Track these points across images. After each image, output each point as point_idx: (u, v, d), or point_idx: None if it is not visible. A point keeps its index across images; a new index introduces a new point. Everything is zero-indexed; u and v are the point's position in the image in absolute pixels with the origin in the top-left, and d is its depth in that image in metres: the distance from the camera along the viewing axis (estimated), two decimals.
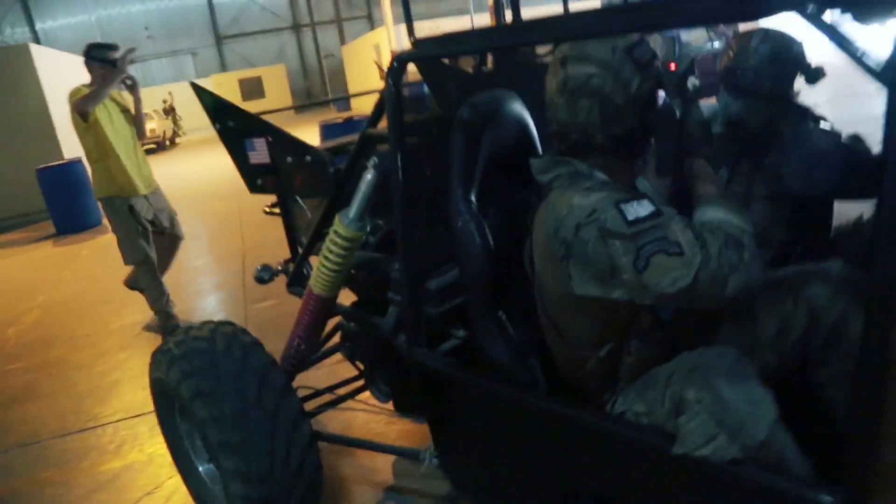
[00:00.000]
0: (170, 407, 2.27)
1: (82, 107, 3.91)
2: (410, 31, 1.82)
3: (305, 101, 28.40)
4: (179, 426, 2.32)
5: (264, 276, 2.57)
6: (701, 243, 1.29)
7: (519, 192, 1.88)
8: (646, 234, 1.31)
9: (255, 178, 2.34)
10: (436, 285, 1.94)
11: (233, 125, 2.30)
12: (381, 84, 1.85)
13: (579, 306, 1.50)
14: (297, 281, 2.47)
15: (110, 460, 2.98)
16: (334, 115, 10.09)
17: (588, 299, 1.41)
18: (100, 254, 7.32)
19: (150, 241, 4.23)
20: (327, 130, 7.51)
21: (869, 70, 0.96)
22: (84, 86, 4.07)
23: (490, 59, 2.36)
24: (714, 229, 1.33)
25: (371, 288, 2.20)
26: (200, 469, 2.33)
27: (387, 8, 19.06)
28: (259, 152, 2.27)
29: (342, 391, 2.63)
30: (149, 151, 18.60)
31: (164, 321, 4.31)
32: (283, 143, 2.20)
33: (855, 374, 1.08)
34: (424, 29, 1.90)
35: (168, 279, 4.46)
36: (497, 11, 1.67)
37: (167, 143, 21.89)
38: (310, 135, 4.81)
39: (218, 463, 1.98)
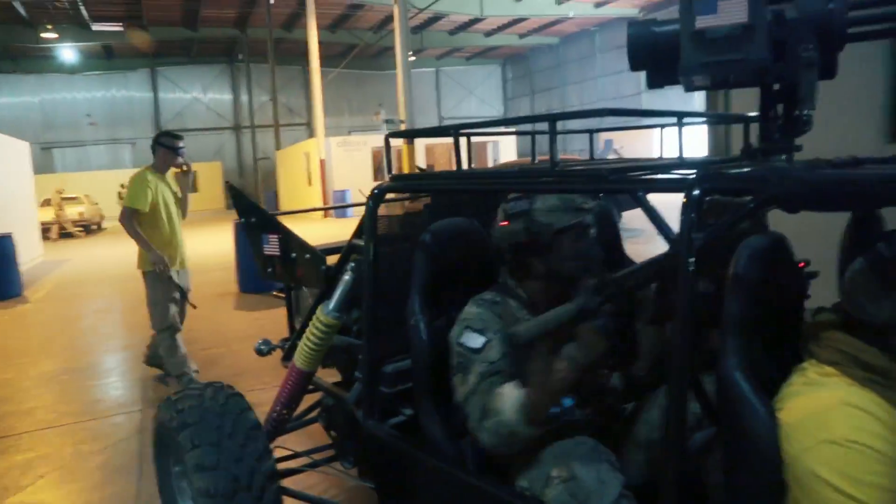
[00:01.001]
0: (165, 453, 2.67)
1: (124, 222, 4.61)
2: (389, 170, 2.28)
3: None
4: (171, 470, 2.70)
5: (263, 349, 3.00)
6: (474, 389, 1.76)
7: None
8: (461, 355, 1.82)
9: (266, 266, 2.82)
10: (391, 369, 2.31)
11: (255, 221, 2.80)
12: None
13: None
14: (290, 355, 2.89)
15: None
16: None
17: None
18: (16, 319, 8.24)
19: (180, 310, 4.83)
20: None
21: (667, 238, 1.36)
22: (148, 168, 4.75)
23: None
24: (493, 391, 1.73)
25: (346, 368, 2.58)
26: None
27: (319, 121, 20.67)
28: (272, 246, 2.76)
29: (317, 456, 2.96)
30: (71, 235, 19.79)
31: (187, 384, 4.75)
32: (291, 240, 2.68)
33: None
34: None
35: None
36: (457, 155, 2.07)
37: (94, 227, 22.37)
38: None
39: (192, 486, 2.29)
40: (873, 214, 1.50)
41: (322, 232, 4.89)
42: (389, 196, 2.32)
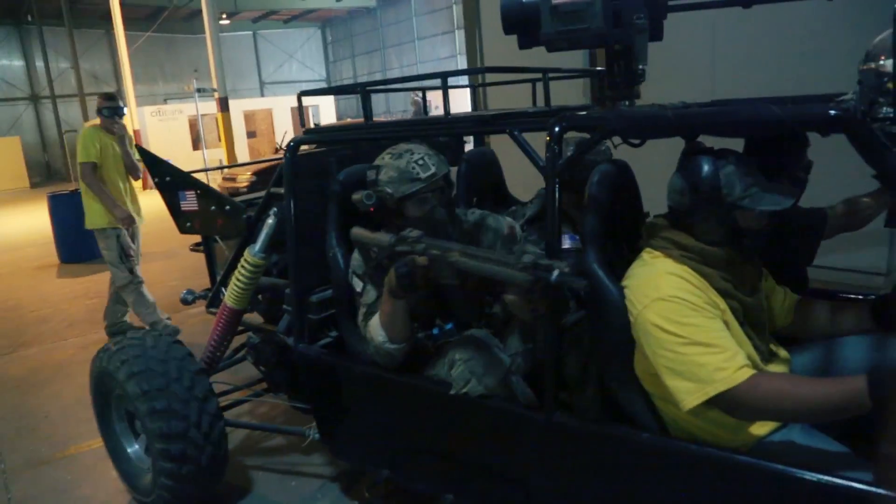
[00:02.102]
0: (106, 397, 2.88)
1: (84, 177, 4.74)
2: (303, 124, 2.60)
3: (44, 175, 27.29)
4: (113, 414, 2.92)
5: (188, 297, 3.25)
6: (361, 324, 2.25)
7: None
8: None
9: (185, 221, 3.06)
10: (316, 298, 2.67)
11: (170, 180, 3.02)
12: None
13: None
14: (214, 303, 3.17)
15: None
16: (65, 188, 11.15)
17: None
18: None
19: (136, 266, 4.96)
20: (54, 200, 8.82)
21: (538, 166, 1.83)
22: (96, 126, 4.89)
23: None
24: (370, 319, 2.19)
25: (272, 304, 2.92)
26: (129, 450, 2.93)
27: (129, 89, 19.90)
28: (189, 202, 3.00)
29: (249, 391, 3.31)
30: None
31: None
32: (210, 195, 2.94)
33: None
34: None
35: None
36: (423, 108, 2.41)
37: None
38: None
39: (146, 429, 2.58)
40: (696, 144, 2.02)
41: (142, 204, 5.22)
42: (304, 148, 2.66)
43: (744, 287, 1.84)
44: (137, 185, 5.28)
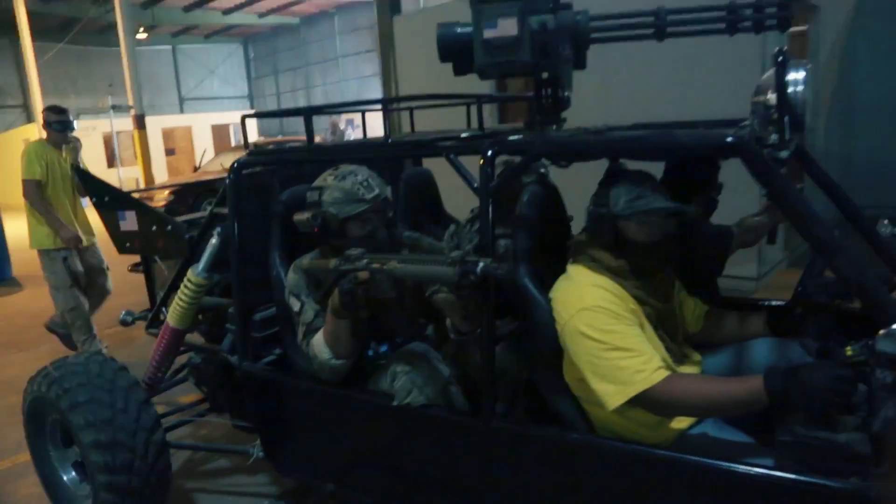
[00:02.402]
0: (41, 422, 2.84)
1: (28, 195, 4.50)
2: (247, 146, 2.68)
3: None
4: (48, 441, 2.88)
5: (127, 319, 3.24)
6: (301, 341, 2.33)
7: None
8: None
9: (124, 241, 3.06)
10: (259, 317, 2.72)
11: (108, 200, 3.03)
12: None
13: None
14: (154, 324, 3.18)
15: None
16: None
17: None
18: None
19: (81, 290, 4.74)
20: None
21: (472, 188, 1.99)
22: (42, 141, 4.69)
23: None
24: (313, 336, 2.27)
25: (215, 324, 2.96)
26: (65, 478, 2.88)
27: (37, 103, 18.94)
28: (129, 221, 3.01)
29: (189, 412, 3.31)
30: None
31: None
32: (150, 215, 2.96)
33: None
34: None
35: None
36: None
37: None
38: None
39: (88, 460, 2.55)
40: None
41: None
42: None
43: (656, 295, 2.03)
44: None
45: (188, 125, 23.42)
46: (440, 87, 2.61)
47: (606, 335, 1.81)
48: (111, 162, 20.50)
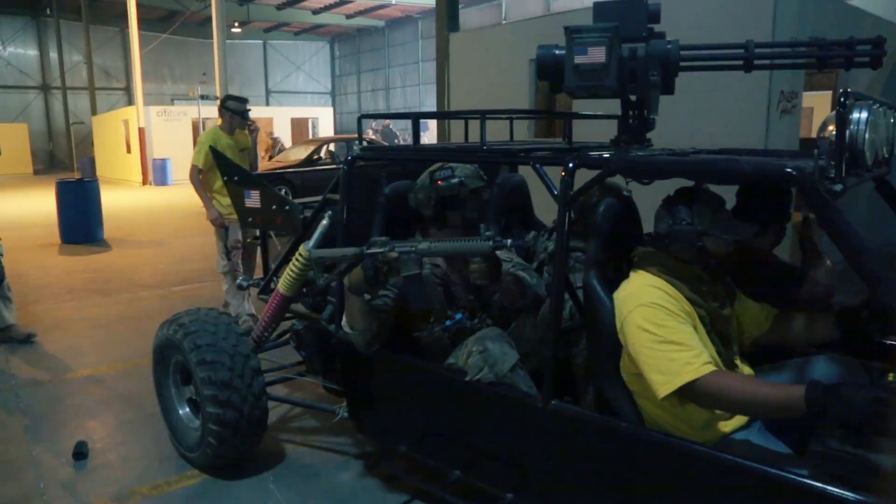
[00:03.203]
0: (166, 363, 3.31)
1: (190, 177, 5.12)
2: (360, 140, 3.07)
3: (47, 164, 28.19)
4: (170, 379, 3.35)
5: (243, 283, 3.70)
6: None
7: None
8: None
9: (248, 216, 3.51)
10: None
11: (237, 179, 3.48)
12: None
13: None
14: (265, 290, 3.61)
15: None
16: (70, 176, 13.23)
17: None
18: None
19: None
20: (62, 187, 10.02)
21: (554, 197, 2.26)
22: (217, 127, 5.22)
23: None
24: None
25: (317, 295, 3.35)
26: (180, 412, 3.35)
27: (138, 87, 20.71)
28: (253, 199, 3.45)
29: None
30: None
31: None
32: (272, 195, 3.39)
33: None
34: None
35: None
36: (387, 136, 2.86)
37: None
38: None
39: (200, 395, 2.99)
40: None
41: (141, 198, 5.84)
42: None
43: (713, 300, 2.18)
44: None
45: (269, 117, 24.40)
46: (488, 100, 2.91)
47: (660, 329, 1.98)
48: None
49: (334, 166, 12.93)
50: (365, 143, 3.30)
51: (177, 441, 3.32)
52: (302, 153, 14.27)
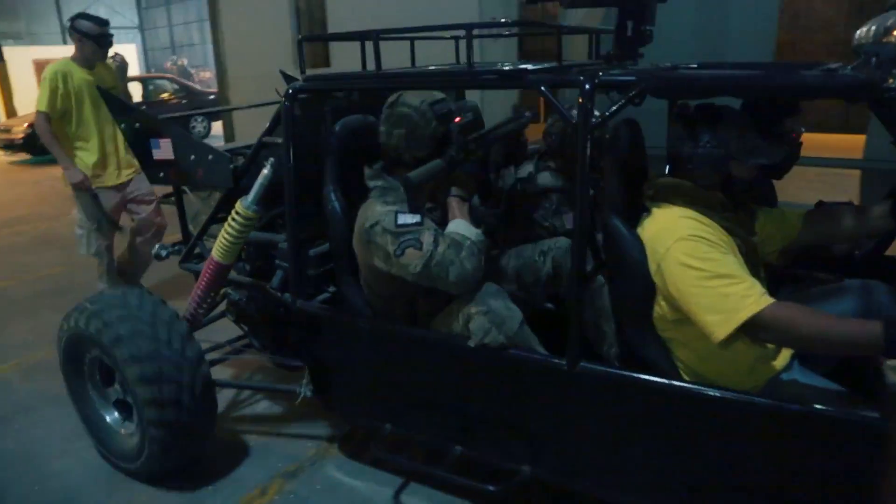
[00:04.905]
0: (79, 362, 2.68)
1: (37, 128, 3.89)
2: (303, 70, 2.55)
3: None
4: (86, 380, 2.73)
5: (161, 252, 3.06)
6: (435, 244, 2.10)
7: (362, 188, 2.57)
8: (405, 234, 2.13)
9: (157, 171, 2.86)
10: (313, 253, 2.65)
11: (139, 126, 2.81)
12: None
13: (379, 275, 2.29)
14: (188, 258, 3.02)
15: None
16: None
17: (379, 269, 2.26)
18: None
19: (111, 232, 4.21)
20: None
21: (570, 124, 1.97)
22: (68, 59, 3.96)
23: None
24: (446, 236, 2.15)
25: (258, 259, 2.85)
26: (107, 418, 2.76)
27: None
28: (164, 150, 2.81)
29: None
30: None
31: None
32: (188, 144, 2.78)
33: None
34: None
35: None
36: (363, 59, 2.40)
37: None
38: None
39: (135, 395, 2.45)
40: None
41: None
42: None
43: (743, 228, 2.04)
44: None
45: (63, 56, 21.49)
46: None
47: (707, 263, 1.79)
48: None
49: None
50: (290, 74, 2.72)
51: (108, 452, 2.75)
52: None
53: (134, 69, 22.12)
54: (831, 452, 1.73)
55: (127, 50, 22.73)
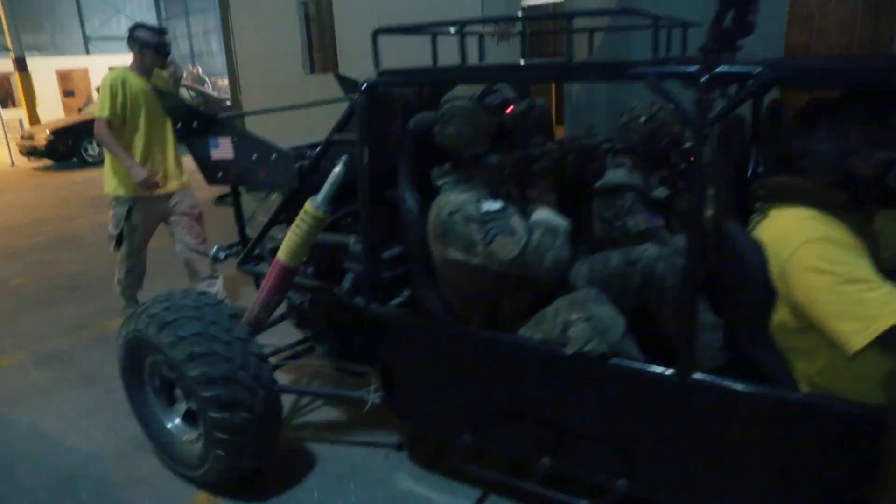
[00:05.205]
0: (138, 367, 2.59)
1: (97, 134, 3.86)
2: (377, 64, 2.43)
3: None
4: (147, 386, 2.64)
5: (219, 255, 2.96)
6: (529, 230, 2.03)
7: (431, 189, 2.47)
8: (492, 222, 2.05)
9: (216, 171, 2.75)
10: (387, 255, 2.52)
11: (197, 125, 2.71)
12: None
13: (459, 269, 2.20)
14: (247, 260, 2.91)
15: None
16: None
17: (458, 263, 2.15)
18: None
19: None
20: None
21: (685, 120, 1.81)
22: (126, 68, 3.92)
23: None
24: (539, 223, 2.09)
25: (322, 261, 2.73)
26: (167, 425, 2.65)
27: None
28: (222, 149, 2.71)
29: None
30: None
31: None
32: (250, 142, 2.67)
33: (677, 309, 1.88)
34: None
35: None
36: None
37: None
38: None
39: (196, 398, 2.36)
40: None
41: None
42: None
43: (868, 232, 1.87)
44: None
45: (85, 67, 21.71)
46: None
47: (840, 267, 1.63)
48: None
49: None
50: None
51: (171, 460, 2.65)
52: None
53: None
54: None
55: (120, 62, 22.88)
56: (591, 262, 2.51)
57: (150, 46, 3.88)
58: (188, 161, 3.32)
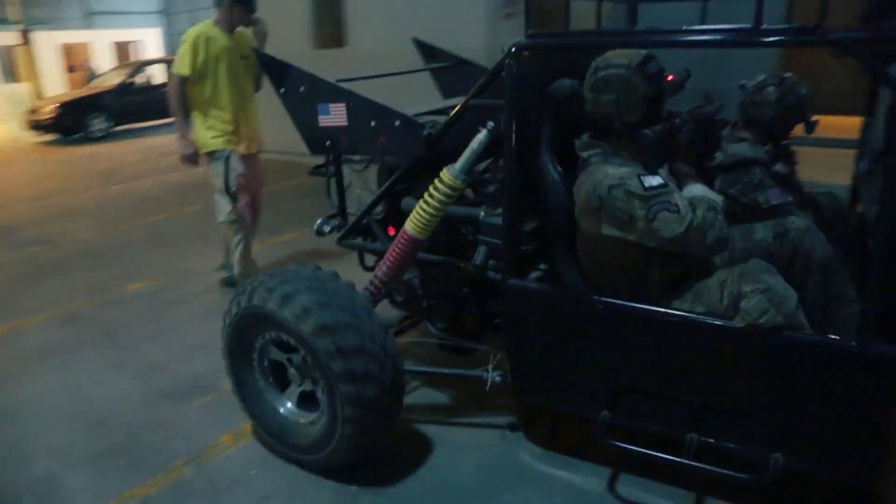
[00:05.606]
0: (247, 349, 2.44)
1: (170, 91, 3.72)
2: (528, 24, 2.24)
3: None
4: (255, 367, 2.48)
5: (324, 228, 2.77)
6: (692, 207, 1.98)
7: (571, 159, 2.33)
8: (656, 198, 1.97)
9: (322, 140, 2.56)
10: (528, 228, 2.36)
11: (304, 90, 2.51)
12: None
13: (610, 243, 2.11)
14: (349, 234, 2.74)
15: None
16: None
17: (612, 239, 2.07)
18: None
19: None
20: None
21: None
22: (211, 23, 3.74)
23: None
24: (699, 200, 2.02)
25: (444, 234, 2.56)
26: (281, 409, 2.50)
27: None
28: (333, 116, 2.50)
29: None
30: None
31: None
32: (369, 107, 2.47)
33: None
34: None
35: None
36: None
37: None
38: None
39: (325, 373, 2.21)
40: None
41: None
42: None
43: None
44: None
45: (86, 42, 21.49)
46: None
47: None
48: None
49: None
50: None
51: (284, 445, 2.50)
52: (115, 78, 13.21)
53: (157, 53, 21.99)
54: None
55: (150, 34, 22.57)
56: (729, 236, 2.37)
57: (240, 1, 3.68)
58: None
